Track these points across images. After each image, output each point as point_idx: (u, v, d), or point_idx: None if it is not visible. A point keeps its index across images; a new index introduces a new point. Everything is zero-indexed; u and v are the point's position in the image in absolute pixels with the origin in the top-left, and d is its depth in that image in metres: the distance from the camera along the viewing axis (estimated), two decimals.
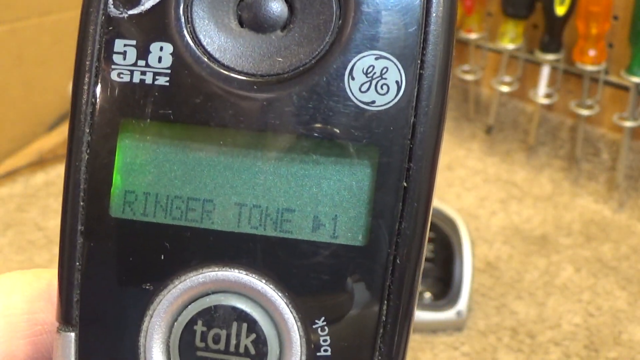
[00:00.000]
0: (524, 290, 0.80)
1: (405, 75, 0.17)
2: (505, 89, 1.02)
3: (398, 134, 0.17)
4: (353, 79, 0.17)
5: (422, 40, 0.17)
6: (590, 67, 0.90)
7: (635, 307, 0.78)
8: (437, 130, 0.18)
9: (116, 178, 0.18)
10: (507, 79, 1.02)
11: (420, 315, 0.75)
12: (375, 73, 0.17)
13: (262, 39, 0.18)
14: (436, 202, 0.81)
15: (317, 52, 0.18)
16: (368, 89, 0.17)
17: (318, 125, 0.17)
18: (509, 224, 0.92)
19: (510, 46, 0.98)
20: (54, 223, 0.92)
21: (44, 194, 0.98)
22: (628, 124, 0.90)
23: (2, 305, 0.20)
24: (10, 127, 1.06)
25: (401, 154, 0.17)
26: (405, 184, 0.17)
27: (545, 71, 0.97)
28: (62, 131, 1.09)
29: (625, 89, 0.91)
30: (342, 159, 0.18)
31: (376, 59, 0.17)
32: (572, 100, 0.96)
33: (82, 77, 0.18)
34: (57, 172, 1.03)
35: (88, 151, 0.18)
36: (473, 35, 1.03)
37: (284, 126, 0.17)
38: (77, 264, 0.18)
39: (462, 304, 0.75)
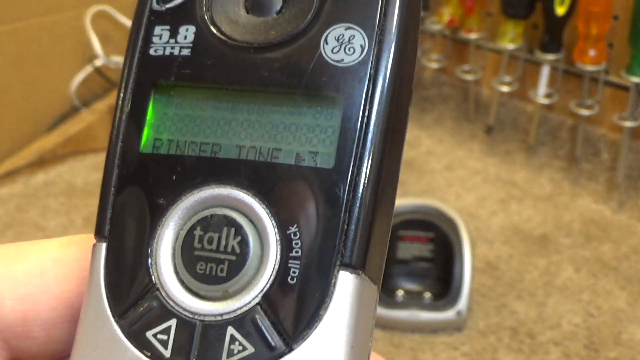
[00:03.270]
0: (524, 290, 0.80)
1: (368, 40, 0.22)
2: (505, 89, 1.02)
3: (360, 83, 0.22)
4: (327, 43, 0.23)
5: (382, 16, 0.23)
6: (590, 67, 0.90)
7: (635, 307, 0.78)
8: (393, 80, 0.22)
9: (148, 128, 0.24)
10: (507, 79, 1.02)
11: (420, 315, 0.75)
12: (344, 39, 0.23)
13: (262, 21, 0.24)
14: (436, 202, 0.81)
15: (300, 26, 0.23)
16: (338, 51, 0.23)
17: (299, 79, 0.23)
18: (509, 224, 0.92)
19: (510, 46, 0.98)
20: (54, 223, 0.92)
21: (43, 194, 0.98)
22: (628, 124, 0.90)
23: (61, 251, 0.25)
24: (10, 127, 1.06)
25: (363, 98, 0.22)
26: (365, 121, 0.22)
27: (545, 71, 0.97)
28: (62, 131, 1.09)
29: (625, 89, 0.91)
30: (319, 106, 0.23)
31: (345, 29, 0.23)
32: (572, 100, 0.96)
33: (130, 54, 0.24)
34: (57, 172, 1.03)
35: (129, 106, 0.24)
36: (473, 35, 1.03)
37: (273, 81, 0.23)
38: (112, 188, 0.24)
39: (462, 304, 0.75)
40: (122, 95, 0.24)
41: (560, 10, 0.91)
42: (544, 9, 0.93)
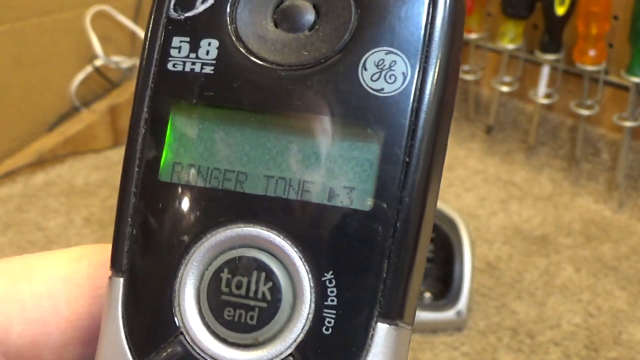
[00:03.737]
0: (524, 290, 0.80)
1: (410, 67, 0.20)
2: (505, 89, 1.02)
3: (402, 117, 0.20)
4: (366, 69, 0.20)
5: (427, 40, 0.20)
6: (590, 67, 0.90)
7: (635, 307, 0.78)
8: (437, 114, 0.20)
9: (166, 151, 0.22)
10: (507, 79, 1.02)
11: (420, 315, 0.75)
12: (385, 65, 0.20)
13: (292, 37, 0.21)
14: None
15: (336, 48, 0.21)
16: (378, 78, 0.20)
17: (334, 107, 0.21)
18: (509, 224, 0.92)
19: (510, 46, 0.98)
20: (54, 223, 0.92)
21: (43, 194, 0.98)
22: (628, 124, 0.90)
23: (71, 268, 0.24)
24: (10, 127, 1.06)
25: (404, 133, 0.20)
26: (407, 159, 0.20)
27: (545, 71, 0.97)
28: (62, 131, 1.09)
29: (625, 89, 0.91)
30: (355, 138, 0.20)
31: (386, 53, 0.20)
32: (572, 100, 0.96)
33: (145, 67, 0.22)
34: (56, 172, 1.03)
35: (145, 127, 0.22)
36: (473, 35, 1.03)
37: (306, 108, 0.21)
38: (129, 219, 0.22)
39: (462, 304, 0.75)
40: (137, 112, 0.22)
41: (560, 10, 0.91)
42: (544, 9, 0.93)
